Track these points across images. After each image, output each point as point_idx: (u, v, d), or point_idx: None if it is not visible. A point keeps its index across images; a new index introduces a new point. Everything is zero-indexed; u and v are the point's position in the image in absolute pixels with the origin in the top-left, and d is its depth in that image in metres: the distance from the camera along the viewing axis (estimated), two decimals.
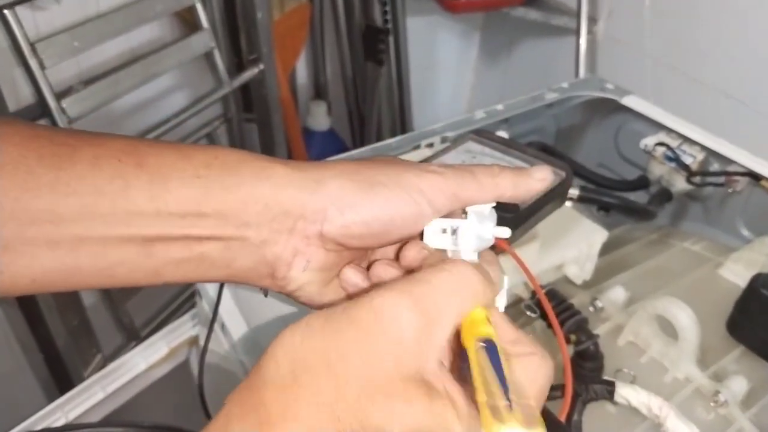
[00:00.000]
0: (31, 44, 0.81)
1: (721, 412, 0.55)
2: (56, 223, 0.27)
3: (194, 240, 0.29)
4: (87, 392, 0.65)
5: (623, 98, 0.87)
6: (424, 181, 0.31)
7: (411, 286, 0.27)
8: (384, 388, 0.24)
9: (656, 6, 1.29)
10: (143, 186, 0.28)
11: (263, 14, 1.14)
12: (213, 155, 0.30)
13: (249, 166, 0.30)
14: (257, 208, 0.30)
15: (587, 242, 0.67)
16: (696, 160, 0.81)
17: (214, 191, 0.29)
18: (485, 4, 1.49)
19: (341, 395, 0.24)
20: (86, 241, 0.28)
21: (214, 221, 0.29)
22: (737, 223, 0.83)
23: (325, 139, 1.72)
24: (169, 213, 0.29)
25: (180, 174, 0.29)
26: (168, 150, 0.30)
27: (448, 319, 0.27)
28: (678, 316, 0.57)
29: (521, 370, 0.27)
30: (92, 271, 0.29)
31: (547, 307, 0.38)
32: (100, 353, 1.01)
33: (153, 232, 0.29)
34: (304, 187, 0.30)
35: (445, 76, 1.87)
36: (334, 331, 0.25)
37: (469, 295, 0.28)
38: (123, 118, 1.18)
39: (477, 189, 0.33)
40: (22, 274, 0.28)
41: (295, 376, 0.25)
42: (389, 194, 0.31)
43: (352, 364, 0.24)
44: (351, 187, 0.30)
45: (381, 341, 0.25)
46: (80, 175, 0.28)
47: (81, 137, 0.29)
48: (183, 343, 0.71)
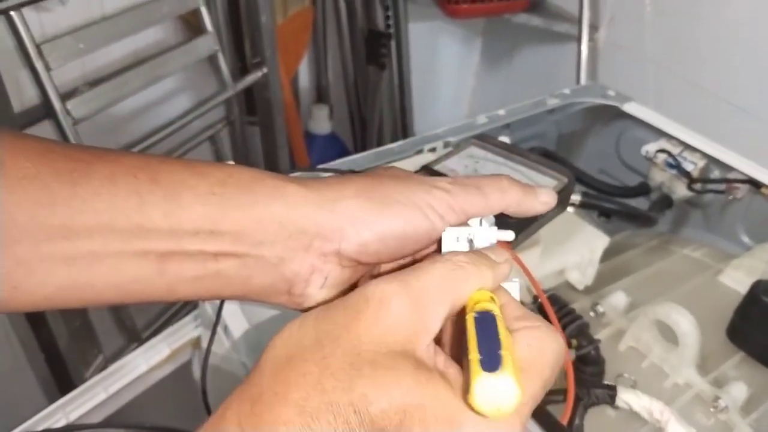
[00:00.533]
0: (37, 46, 0.81)
1: (721, 417, 0.55)
2: (71, 239, 0.27)
3: (210, 257, 0.29)
4: (88, 393, 0.65)
5: (624, 105, 0.88)
6: (434, 199, 0.32)
7: (403, 274, 0.28)
8: (370, 361, 0.25)
9: (657, 13, 1.29)
10: (158, 202, 0.28)
11: (267, 18, 1.14)
12: (228, 173, 0.30)
13: (263, 185, 0.30)
14: (272, 227, 0.30)
15: (589, 248, 0.67)
16: (697, 167, 0.81)
17: (229, 209, 0.29)
18: (487, 10, 1.49)
19: (328, 369, 0.24)
20: (101, 257, 0.28)
21: (229, 239, 0.29)
22: (738, 230, 0.84)
23: (327, 143, 1.72)
24: (184, 230, 0.29)
25: (194, 191, 0.29)
26: (181, 167, 0.30)
27: (437, 300, 0.27)
28: (679, 322, 0.57)
29: (525, 342, 0.27)
30: (107, 287, 0.29)
31: (550, 312, 0.38)
32: (102, 354, 1.01)
33: (168, 248, 0.29)
34: (320, 207, 0.30)
35: (446, 80, 1.87)
36: (328, 317, 0.27)
37: (459, 276, 0.28)
38: (127, 120, 1.18)
39: (484, 205, 0.33)
40: (36, 290, 0.28)
41: (289, 359, 0.25)
42: (404, 211, 0.31)
43: (340, 342, 0.25)
44: (367, 206, 0.31)
45: (369, 320, 0.26)
46: (96, 191, 0.27)
47: (95, 153, 0.29)
48: (184, 345, 0.72)
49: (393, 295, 0.26)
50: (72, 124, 0.87)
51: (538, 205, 0.35)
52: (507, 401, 0.23)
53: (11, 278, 0.27)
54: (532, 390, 0.26)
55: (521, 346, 0.27)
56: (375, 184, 0.32)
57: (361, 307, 0.26)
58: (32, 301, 0.28)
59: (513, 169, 0.49)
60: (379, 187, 0.32)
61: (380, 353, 0.25)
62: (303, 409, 0.24)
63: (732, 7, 1.16)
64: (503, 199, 0.34)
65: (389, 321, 0.26)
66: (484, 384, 0.23)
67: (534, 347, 0.27)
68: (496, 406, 0.23)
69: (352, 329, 0.26)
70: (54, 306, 0.29)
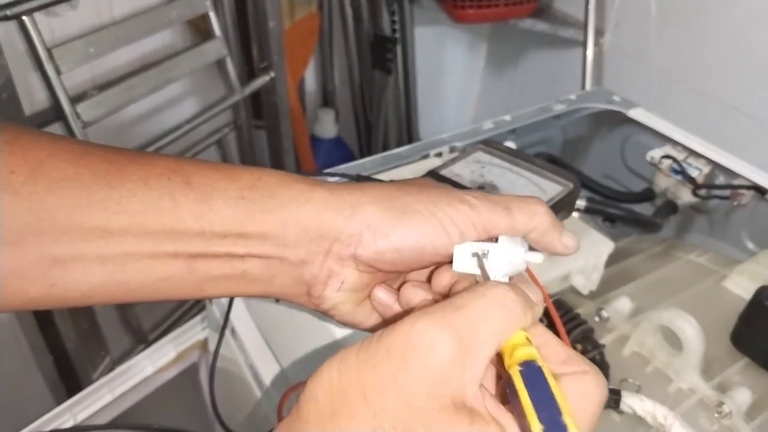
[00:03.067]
0: (48, 50, 0.82)
1: (725, 423, 0.56)
2: (107, 239, 0.28)
3: (237, 258, 0.30)
4: (95, 394, 0.66)
5: (630, 110, 0.88)
6: (457, 213, 0.31)
7: (447, 313, 0.26)
8: (423, 418, 0.24)
9: (663, 19, 1.29)
10: (190, 205, 0.29)
11: (274, 23, 1.15)
12: (257, 176, 0.31)
13: (289, 189, 0.31)
14: (296, 230, 0.31)
15: (594, 253, 0.67)
16: (702, 173, 0.81)
17: (257, 213, 0.30)
18: (493, 15, 1.50)
19: (379, 426, 0.24)
20: (134, 256, 0.29)
21: (255, 241, 0.30)
22: (742, 235, 0.84)
23: (332, 147, 1.73)
24: (213, 232, 0.30)
25: (225, 195, 0.30)
26: (213, 170, 0.31)
27: (486, 344, 0.26)
28: (683, 328, 0.57)
29: (574, 390, 0.26)
30: (138, 285, 0.30)
31: (555, 317, 0.39)
32: (109, 356, 1.01)
33: (198, 250, 0.30)
34: (341, 211, 0.31)
35: (452, 85, 1.88)
36: (369, 362, 0.25)
37: (507, 318, 0.27)
38: (136, 124, 1.19)
39: (509, 228, 0.32)
40: (72, 288, 0.28)
41: (334, 410, 0.24)
42: (423, 222, 0.31)
43: (388, 395, 0.24)
44: (386, 214, 0.31)
45: (417, 370, 0.24)
46: (131, 193, 0.28)
47: (130, 155, 0.30)
48: (191, 347, 0.72)
49: (440, 342, 0.25)
50: (81, 127, 0.88)
51: (559, 245, 0.33)
52: None
53: (48, 276, 0.28)
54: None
55: (571, 397, 0.25)
56: (397, 192, 0.32)
57: (407, 353, 0.25)
58: (67, 298, 0.29)
59: (519, 175, 0.49)
60: (401, 197, 0.32)
61: (433, 410, 0.24)
62: None
63: (738, 12, 1.16)
64: (530, 223, 0.32)
65: (438, 372, 0.24)
66: None
67: (585, 398, 0.26)
68: None
69: (401, 381, 0.24)
70: (89, 302, 0.30)
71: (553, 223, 0.33)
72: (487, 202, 0.32)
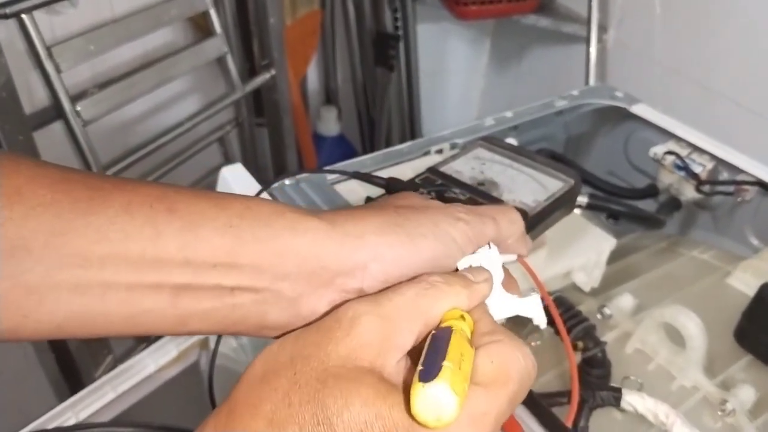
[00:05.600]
0: (48, 48, 0.82)
1: (728, 420, 0.55)
2: (85, 267, 0.27)
3: (226, 291, 0.29)
4: (97, 392, 0.66)
5: (633, 106, 0.87)
6: (457, 231, 0.33)
7: (376, 295, 0.28)
8: (335, 375, 0.25)
9: (667, 14, 1.29)
10: (174, 234, 0.28)
11: (275, 20, 1.15)
12: (246, 205, 0.30)
13: (283, 219, 0.30)
14: (295, 261, 0.29)
15: (595, 250, 0.67)
16: (705, 169, 0.81)
17: (248, 242, 0.29)
18: (496, 12, 1.49)
19: (296, 384, 0.25)
20: (114, 287, 0.28)
21: (248, 272, 0.29)
22: (746, 232, 0.83)
23: (335, 144, 1.73)
24: (200, 262, 0.28)
25: (211, 223, 0.28)
26: (199, 198, 0.29)
27: (410, 320, 0.28)
28: (686, 325, 0.57)
29: (488, 357, 0.27)
30: (118, 318, 0.28)
31: (555, 314, 0.38)
32: (111, 354, 1.01)
33: (183, 281, 0.28)
34: (344, 244, 0.30)
35: (454, 82, 1.87)
36: (302, 337, 0.27)
37: (435, 297, 0.29)
38: (136, 122, 1.19)
39: (496, 236, 0.35)
40: (46, 319, 0.27)
41: (264, 375, 0.26)
42: (431, 245, 0.31)
43: (310, 358, 0.26)
44: (393, 242, 0.31)
45: (338, 338, 0.26)
46: (111, 221, 0.27)
47: (113, 182, 0.29)
48: (192, 346, 0.72)
49: (363, 314, 0.27)
50: (82, 125, 0.87)
51: (524, 249, 0.38)
52: (445, 410, 0.23)
53: (21, 307, 0.26)
54: (494, 404, 0.26)
55: (484, 361, 0.27)
56: (397, 218, 0.32)
57: (333, 326, 0.27)
58: (41, 329, 0.28)
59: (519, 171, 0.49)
60: (402, 222, 0.31)
61: (346, 368, 0.25)
62: (271, 420, 0.24)
63: (742, 8, 1.16)
64: (510, 229, 0.36)
65: (358, 339, 0.26)
66: (420, 394, 0.23)
67: (497, 362, 0.27)
68: (436, 416, 0.23)
69: (322, 347, 0.26)
70: (66, 335, 0.29)
71: (523, 228, 0.37)
72: (476, 216, 0.34)
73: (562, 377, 0.58)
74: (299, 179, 0.65)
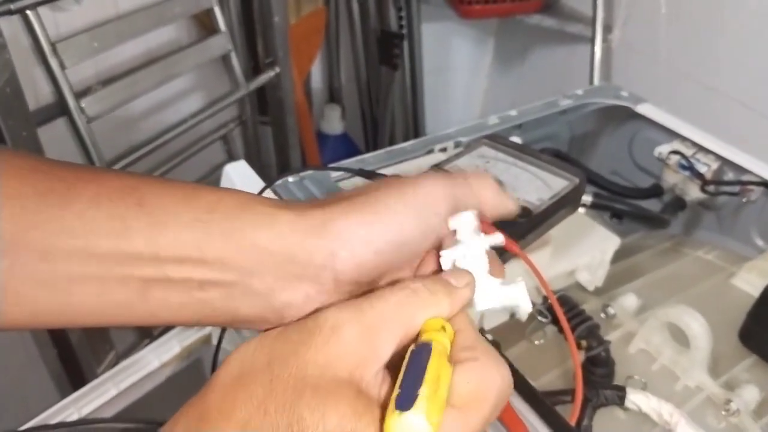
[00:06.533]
0: (52, 44, 0.82)
1: (732, 420, 0.55)
2: (51, 262, 0.27)
3: (195, 285, 0.29)
4: (100, 388, 0.66)
5: (638, 106, 0.87)
6: (425, 191, 0.31)
7: (359, 302, 0.28)
8: (313, 386, 0.25)
9: (672, 14, 1.28)
10: (142, 228, 0.27)
11: (280, 18, 1.15)
12: (217, 198, 0.29)
13: (251, 212, 0.29)
14: (261, 255, 0.29)
15: (600, 249, 0.67)
16: (710, 168, 0.80)
17: (215, 237, 0.28)
18: (500, 11, 1.49)
19: (273, 392, 0.24)
20: (81, 281, 0.27)
21: (217, 267, 0.28)
22: (751, 232, 0.83)
23: (339, 143, 1.72)
24: (168, 257, 0.28)
25: (179, 217, 0.28)
26: (169, 190, 0.29)
27: (389, 329, 0.27)
28: (690, 325, 0.57)
29: (465, 377, 0.26)
30: (87, 310, 0.28)
31: (559, 313, 0.38)
32: (114, 350, 1.02)
33: (151, 275, 0.28)
34: (310, 233, 0.29)
35: (458, 81, 1.87)
36: (281, 340, 0.27)
37: (416, 306, 0.28)
38: (140, 119, 1.19)
39: (468, 192, 0.33)
40: (13, 312, 0.27)
41: (239, 378, 0.25)
42: (395, 217, 0.30)
43: (289, 364, 0.25)
44: (358, 221, 0.30)
45: (318, 345, 0.26)
46: (78, 214, 0.27)
47: (81, 173, 0.28)
48: (195, 342, 0.72)
49: (344, 323, 0.26)
50: (86, 122, 0.87)
51: (510, 203, 0.36)
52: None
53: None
54: (468, 426, 0.26)
55: (461, 382, 0.26)
56: (363, 197, 0.31)
57: (314, 331, 0.26)
58: (9, 321, 0.27)
59: (524, 170, 0.49)
60: (367, 200, 0.31)
61: (324, 378, 0.25)
62: (245, 428, 0.24)
63: (747, 8, 1.15)
64: (483, 186, 0.34)
65: (337, 348, 0.26)
66: (395, 423, 0.23)
67: (473, 383, 0.26)
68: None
69: (301, 354, 0.26)
70: (32, 327, 0.29)
71: (498, 187, 0.35)
72: (446, 175, 0.33)
73: (566, 376, 0.58)
74: (303, 176, 0.65)
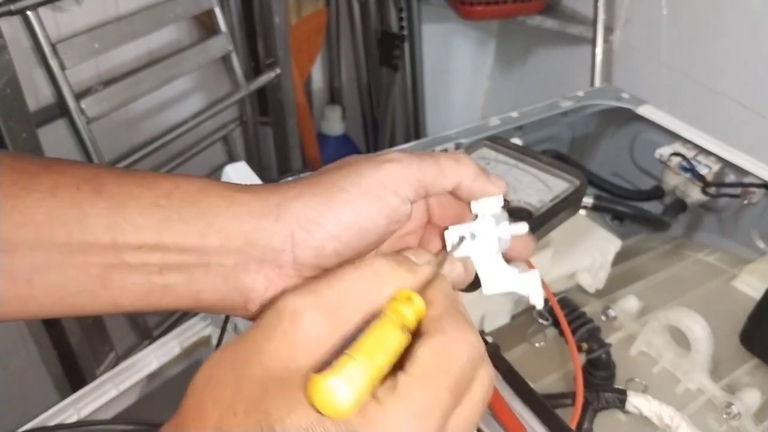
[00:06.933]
0: (53, 45, 0.82)
1: (733, 424, 0.55)
2: (11, 252, 0.27)
3: (154, 270, 0.29)
4: (100, 389, 0.66)
5: (639, 108, 0.87)
6: (384, 173, 0.30)
7: (316, 284, 0.26)
8: (278, 379, 0.24)
9: (673, 16, 1.28)
10: (100, 214, 0.28)
11: (280, 19, 1.15)
12: (175, 184, 0.29)
13: (209, 196, 0.29)
14: (219, 239, 0.29)
15: (601, 251, 0.67)
16: (711, 170, 0.80)
17: (173, 222, 0.28)
18: (501, 12, 1.49)
19: (240, 392, 0.24)
20: (42, 270, 0.27)
21: (174, 251, 0.28)
22: (752, 234, 0.83)
23: (339, 144, 1.72)
24: (127, 243, 0.28)
25: (138, 203, 0.28)
26: (129, 178, 0.29)
27: (355, 311, 0.26)
28: (691, 327, 0.56)
29: (428, 346, 0.25)
30: (49, 301, 0.28)
31: (560, 315, 0.38)
32: (114, 351, 1.01)
33: (110, 262, 0.28)
34: (266, 215, 0.29)
35: (459, 82, 1.87)
36: (246, 338, 0.26)
37: (379, 283, 0.27)
38: (141, 120, 1.19)
39: (438, 172, 0.31)
40: None
41: (207, 383, 0.25)
42: (352, 199, 0.29)
43: (252, 363, 0.25)
44: (313, 202, 0.29)
45: (279, 337, 0.25)
46: (37, 204, 0.27)
47: (42, 164, 0.28)
48: (195, 343, 0.72)
49: (303, 308, 0.25)
50: (86, 122, 0.87)
51: (491, 186, 0.33)
52: (338, 401, 0.23)
53: None
54: (435, 396, 0.24)
55: (423, 353, 0.25)
56: (319, 178, 0.30)
57: (274, 324, 0.25)
58: None
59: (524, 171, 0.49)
60: (323, 181, 0.30)
61: (288, 370, 0.24)
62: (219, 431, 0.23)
63: (749, 10, 1.15)
64: (457, 168, 0.32)
65: (299, 336, 0.25)
66: (314, 386, 0.23)
67: (437, 353, 0.25)
68: (331, 407, 0.23)
69: (264, 350, 0.25)
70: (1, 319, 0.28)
71: (479, 168, 0.33)
72: (414, 156, 0.31)
73: (567, 379, 0.58)
74: (303, 177, 0.65)
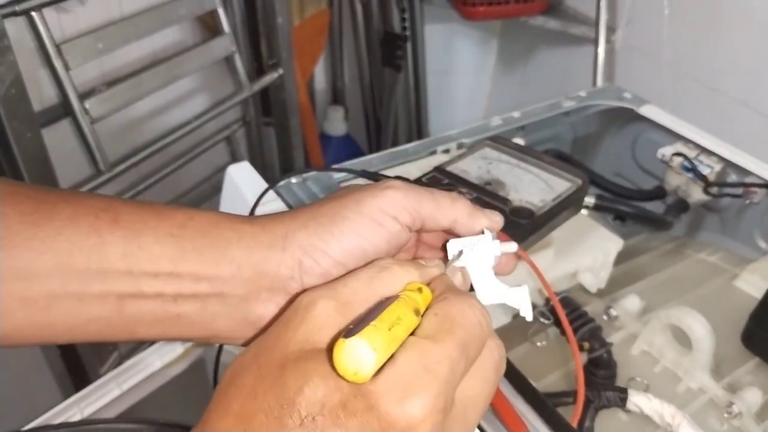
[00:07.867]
0: (57, 46, 0.82)
1: (734, 423, 0.55)
2: (30, 280, 0.27)
3: (169, 300, 0.30)
4: (103, 389, 0.66)
5: (641, 107, 0.87)
6: (384, 200, 0.32)
7: (332, 281, 0.29)
8: (295, 358, 0.25)
9: (675, 16, 1.28)
10: (117, 242, 0.29)
11: (283, 20, 1.15)
12: (188, 216, 0.30)
13: (220, 228, 0.30)
14: (230, 270, 0.30)
15: (602, 251, 0.67)
16: (713, 170, 0.80)
17: (188, 251, 0.29)
18: (504, 13, 1.49)
19: (261, 377, 0.25)
20: (59, 298, 0.28)
21: (189, 281, 0.30)
22: (754, 234, 0.83)
23: (342, 144, 1.73)
24: (143, 271, 0.29)
25: (154, 232, 0.29)
26: (144, 209, 0.30)
27: (366, 301, 0.28)
28: (693, 327, 0.57)
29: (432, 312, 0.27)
30: (65, 327, 0.29)
31: (561, 314, 0.38)
32: (117, 351, 1.02)
33: (126, 290, 0.29)
34: (273, 245, 0.30)
35: (462, 82, 1.87)
36: (266, 334, 0.27)
37: (389, 278, 0.29)
38: (144, 120, 1.20)
39: (435, 208, 0.33)
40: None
41: (232, 378, 0.26)
42: (354, 226, 0.31)
43: (272, 352, 0.26)
44: (317, 232, 0.31)
45: (296, 325, 0.26)
46: (57, 231, 0.28)
47: (61, 195, 0.29)
48: (197, 344, 0.72)
49: (319, 299, 0.27)
50: (90, 123, 0.88)
51: (485, 220, 0.34)
52: (363, 364, 0.24)
53: None
54: (444, 351, 0.26)
55: (429, 317, 0.27)
56: (322, 209, 0.32)
57: (291, 315, 0.27)
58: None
59: (527, 171, 0.49)
60: (326, 210, 0.31)
61: (304, 350, 0.25)
62: (240, 416, 0.24)
63: (751, 9, 1.15)
64: (453, 206, 0.33)
65: (314, 321, 0.26)
66: (339, 347, 0.24)
67: (441, 314, 0.27)
68: (354, 370, 0.24)
69: (282, 337, 0.26)
70: (14, 344, 0.29)
71: (473, 206, 0.35)
72: (412, 186, 0.33)
73: (568, 378, 0.58)
74: (306, 177, 0.66)
